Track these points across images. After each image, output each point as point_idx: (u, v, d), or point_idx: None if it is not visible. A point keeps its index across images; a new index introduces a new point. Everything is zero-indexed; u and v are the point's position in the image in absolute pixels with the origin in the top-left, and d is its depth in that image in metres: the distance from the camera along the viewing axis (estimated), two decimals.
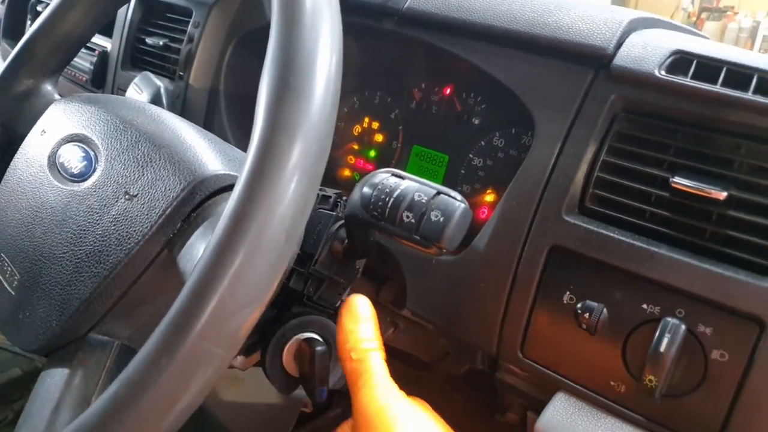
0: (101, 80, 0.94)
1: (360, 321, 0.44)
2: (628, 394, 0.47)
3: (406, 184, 0.44)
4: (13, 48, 0.59)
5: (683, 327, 0.44)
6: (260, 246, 0.30)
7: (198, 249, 0.38)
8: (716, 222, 0.46)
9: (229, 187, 0.42)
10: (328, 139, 0.34)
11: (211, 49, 0.80)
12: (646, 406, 0.47)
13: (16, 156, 0.51)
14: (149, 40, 0.85)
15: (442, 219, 0.41)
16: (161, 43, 0.83)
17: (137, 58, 0.90)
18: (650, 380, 0.44)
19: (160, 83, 0.70)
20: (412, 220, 0.42)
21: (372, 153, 0.78)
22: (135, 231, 0.40)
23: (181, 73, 0.80)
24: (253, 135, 0.33)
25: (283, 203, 0.31)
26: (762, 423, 0.43)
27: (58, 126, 0.50)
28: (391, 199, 0.43)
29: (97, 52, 0.93)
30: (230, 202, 0.31)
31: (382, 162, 0.78)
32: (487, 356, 0.59)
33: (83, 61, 0.98)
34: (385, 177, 0.45)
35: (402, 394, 0.42)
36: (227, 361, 0.32)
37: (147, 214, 0.40)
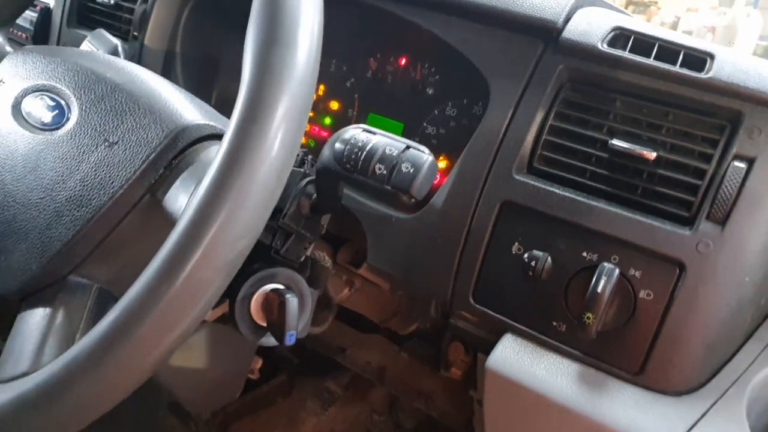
0: (44, 38, 0.91)
1: None
2: (568, 332, 0.53)
3: (376, 139, 0.47)
4: None
5: (617, 271, 0.49)
6: (254, 183, 0.33)
7: (184, 192, 0.40)
8: (647, 179, 0.52)
9: (209, 137, 0.44)
10: (312, 87, 0.37)
11: (167, 10, 0.79)
12: (583, 342, 0.53)
13: None
14: None
15: (412, 170, 0.44)
16: (112, 1, 0.81)
17: (84, 16, 0.88)
18: (588, 317, 0.49)
19: (117, 41, 0.69)
20: (384, 172, 0.45)
21: (327, 120, 0.81)
22: (117, 176, 0.41)
23: (135, 34, 0.79)
24: (242, 82, 0.35)
25: (274, 146, 0.34)
26: (679, 350, 0.50)
27: (19, 76, 0.49)
28: (364, 153, 0.46)
29: (39, 8, 0.90)
30: (224, 144, 0.34)
31: (337, 129, 0.80)
32: (440, 305, 0.64)
33: (22, 18, 0.94)
34: (356, 133, 0.48)
35: None
36: (221, 290, 0.34)
37: (130, 160, 0.42)
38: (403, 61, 0.75)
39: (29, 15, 0.93)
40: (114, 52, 0.70)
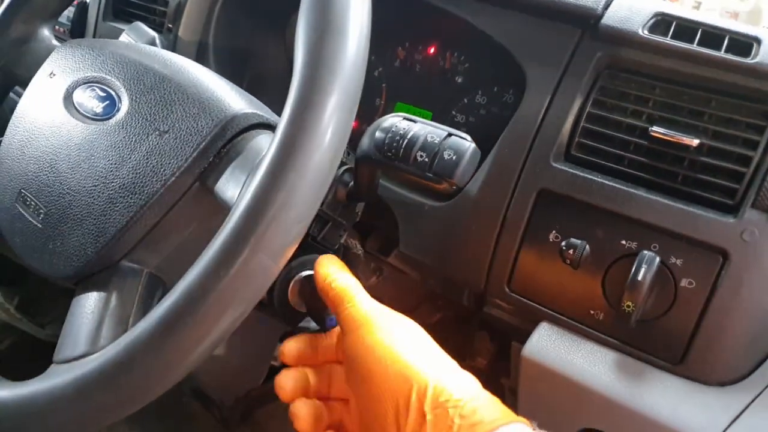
0: (81, 32, 0.93)
1: (336, 267, 0.46)
2: (606, 320, 0.53)
3: (417, 127, 0.48)
4: None
5: (658, 259, 0.49)
6: (308, 171, 0.34)
7: (235, 180, 0.41)
8: (688, 167, 0.51)
9: (257, 126, 0.45)
10: (362, 76, 0.37)
11: (200, 2, 0.80)
12: (622, 330, 0.53)
13: (25, 98, 0.52)
14: None
15: (454, 157, 0.45)
16: None
17: (120, 10, 0.90)
18: (628, 305, 0.49)
19: (155, 33, 0.70)
20: (426, 159, 0.46)
21: None
22: (169, 164, 0.42)
23: (170, 26, 0.81)
24: (295, 71, 0.36)
25: (327, 134, 0.34)
26: (721, 340, 0.49)
27: (69, 69, 0.51)
28: (405, 140, 0.47)
29: (76, 2, 0.92)
30: (279, 132, 0.34)
31: (365, 119, 0.80)
32: (473, 293, 0.64)
33: None
34: (396, 121, 0.49)
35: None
36: (276, 274, 0.35)
37: (181, 148, 0.43)
38: (432, 50, 0.75)
39: (66, 11, 0.94)
40: (152, 44, 0.71)
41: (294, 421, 0.44)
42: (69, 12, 0.93)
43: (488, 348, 0.82)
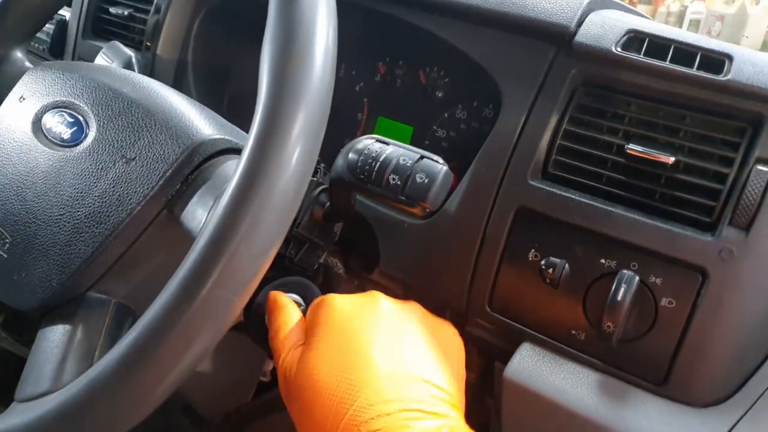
0: (60, 50, 0.92)
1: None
2: (588, 340, 0.53)
3: (390, 149, 0.47)
4: None
5: (637, 278, 0.49)
6: (272, 200, 0.33)
7: (202, 207, 0.40)
8: (665, 184, 0.51)
9: (225, 151, 0.44)
10: (329, 100, 0.37)
11: (178, 20, 0.80)
12: (604, 350, 0.52)
13: None
14: (113, 10, 0.84)
15: (426, 180, 0.44)
16: (126, 13, 0.82)
17: (99, 28, 0.89)
18: (608, 326, 0.49)
19: (131, 53, 0.70)
20: (398, 182, 0.45)
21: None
22: (135, 192, 0.42)
23: (148, 44, 0.80)
24: (259, 98, 0.35)
25: (292, 161, 0.34)
26: (703, 360, 0.49)
27: (39, 93, 0.50)
28: (378, 163, 0.46)
29: (54, 20, 0.91)
30: (242, 161, 0.34)
31: (347, 133, 0.80)
32: (455, 313, 0.63)
33: None
34: (369, 143, 0.48)
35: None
36: (239, 309, 0.34)
37: (147, 176, 0.42)
38: (412, 65, 0.75)
39: (46, 27, 0.94)
40: (129, 63, 0.71)
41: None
42: (48, 28, 0.93)
43: (477, 362, 0.81)
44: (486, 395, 0.70)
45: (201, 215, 0.39)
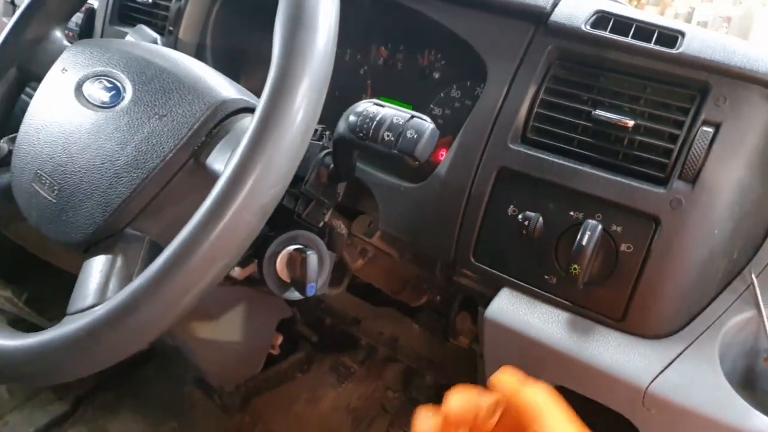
0: (88, 36, 1.00)
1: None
2: (558, 284, 0.60)
3: (385, 110, 0.54)
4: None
5: (600, 226, 0.56)
6: (283, 141, 0.41)
7: (223, 155, 0.48)
8: (626, 145, 0.58)
9: (243, 110, 0.52)
10: (330, 65, 0.44)
11: (198, 7, 0.87)
12: (572, 292, 0.59)
13: (40, 91, 0.59)
14: None
15: (416, 136, 0.51)
16: (150, 0, 0.90)
17: (125, 15, 0.97)
18: (575, 269, 0.56)
19: (156, 35, 0.77)
20: (392, 138, 0.52)
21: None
22: (167, 142, 0.49)
23: (170, 29, 0.88)
24: (272, 61, 0.43)
25: (299, 113, 0.41)
26: (656, 297, 0.56)
27: (80, 65, 0.58)
28: (374, 122, 0.53)
29: (84, 8, 0.99)
30: (257, 112, 0.41)
31: None
32: (444, 265, 0.71)
33: None
34: (367, 106, 0.55)
35: None
36: (257, 230, 0.42)
37: (177, 129, 0.49)
38: (412, 49, 0.82)
39: (74, 17, 1.02)
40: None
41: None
42: (77, 18, 1.01)
43: (470, 328, 0.89)
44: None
45: (222, 161, 0.47)
